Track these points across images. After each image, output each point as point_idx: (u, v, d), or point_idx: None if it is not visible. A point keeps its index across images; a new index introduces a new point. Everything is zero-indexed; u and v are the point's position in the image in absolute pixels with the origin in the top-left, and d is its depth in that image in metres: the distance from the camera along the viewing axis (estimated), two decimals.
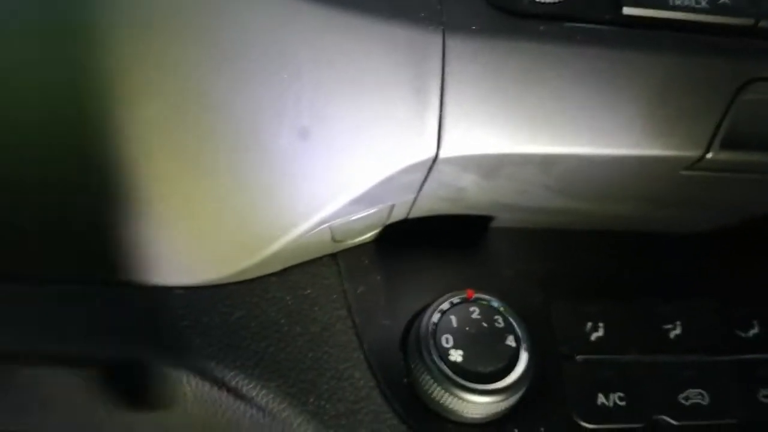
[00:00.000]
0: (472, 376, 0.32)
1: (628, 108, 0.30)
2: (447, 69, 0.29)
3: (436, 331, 0.33)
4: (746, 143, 0.32)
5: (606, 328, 0.37)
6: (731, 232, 0.41)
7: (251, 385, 0.33)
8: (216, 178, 0.30)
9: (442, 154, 0.30)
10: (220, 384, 0.33)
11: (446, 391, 0.32)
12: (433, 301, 0.34)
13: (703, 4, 0.30)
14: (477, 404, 0.32)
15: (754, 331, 0.39)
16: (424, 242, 0.39)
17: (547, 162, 0.31)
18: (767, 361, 0.38)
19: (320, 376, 0.34)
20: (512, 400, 0.33)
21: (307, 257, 0.36)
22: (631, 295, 0.39)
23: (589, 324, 0.37)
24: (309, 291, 0.36)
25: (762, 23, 0.31)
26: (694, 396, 0.36)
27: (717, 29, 0.31)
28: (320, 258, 0.37)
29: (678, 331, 0.38)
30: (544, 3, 0.29)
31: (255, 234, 0.32)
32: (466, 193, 0.34)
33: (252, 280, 0.35)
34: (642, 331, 0.38)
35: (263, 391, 0.33)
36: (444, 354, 0.33)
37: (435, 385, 0.32)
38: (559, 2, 0.30)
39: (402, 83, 0.29)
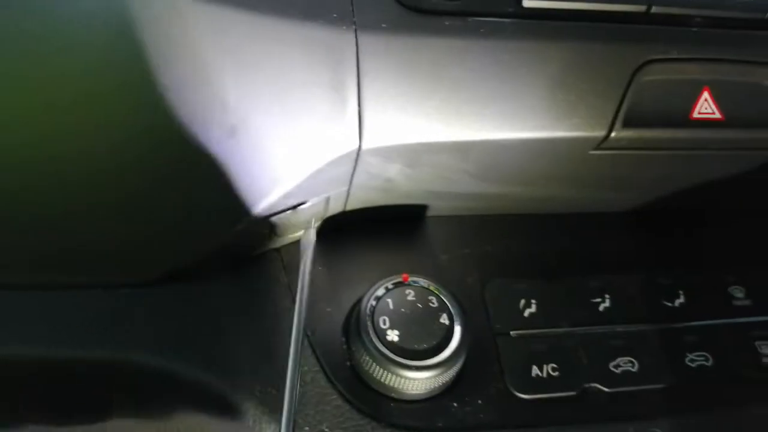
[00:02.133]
0: (409, 353, 0.34)
1: (530, 94, 0.32)
2: (362, 66, 0.31)
3: (374, 314, 0.35)
4: (647, 121, 0.34)
5: (538, 305, 0.40)
6: (652, 209, 0.43)
7: (200, 379, 0.35)
8: (157, 184, 0.32)
9: (365, 146, 0.32)
10: (176, 380, 0.35)
11: (385, 369, 0.34)
12: (370, 287, 0.36)
13: None
14: (415, 380, 0.34)
15: (680, 300, 0.42)
16: (362, 233, 0.41)
17: (461, 149, 0.33)
18: (693, 328, 0.41)
19: (268, 365, 0.35)
20: (449, 375, 0.35)
21: (251, 252, 0.38)
22: (562, 273, 0.41)
23: (522, 301, 0.40)
24: (255, 285, 0.38)
25: (654, 9, 0.34)
26: (624, 364, 0.39)
27: (612, 17, 0.33)
28: (264, 252, 0.39)
29: (607, 303, 0.41)
30: (449, 1, 0.32)
31: (195, 232, 0.34)
32: (396, 183, 0.36)
33: (200, 276, 0.37)
34: (573, 305, 0.40)
35: (214, 385, 0.35)
36: (382, 335, 0.35)
37: (374, 364, 0.34)
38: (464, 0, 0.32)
39: (321, 82, 0.31)
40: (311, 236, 0.34)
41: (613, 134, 0.34)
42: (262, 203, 0.33)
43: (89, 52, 0.29)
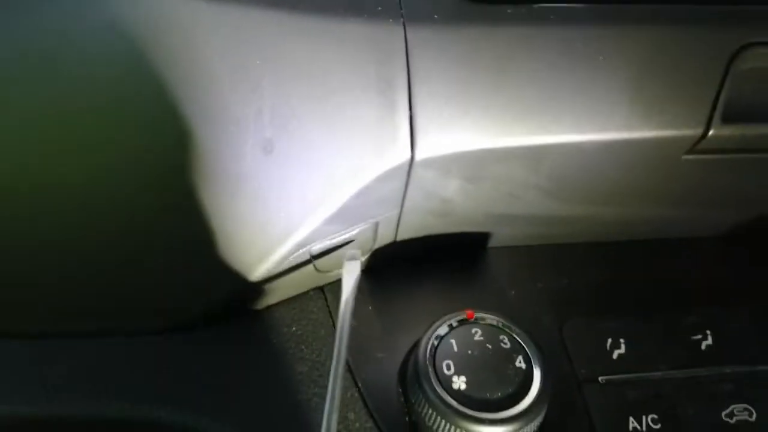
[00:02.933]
0: (480, 404, 0.29)
1: (612, 88, 0.28)
2: (412, 64, 0.27)
3: (435, 358, 0.30)
4: (751, 115, 0.29)
5: (628, 345, 0.34)
6: (755, 233, 0.37)
7: None
8: (183, 213, 0.28)
9: (418, 156, 0.27)
10: None
11: (452, 424, 0.28)
12: (430, 327, 0.31)
13: None
14: None
15: None
16: (417, 267, 0.36)
17: (532, 155, 0.28)
18: None
19: (312, 420, 0.30)
20: (529, 429, 0.29)
21: (290, 292, 0.33)
22: (652, 307, 0.35)
23: (609, 341, 0.34)
24: (295, 328, 0.33)
25: None
26: (739, 412, 0.32)
27: None
28: (306, 292, 0.34)
29: (709, 341, 0.34)
30: None
31: (228, 268, 0.29)
32: (454, 204, 0.31)
33: (231, 321, 0.32)
34: (670, 344, 0.34)
35: None
36: (446, 382, 0.29)
37: (439, 418, 0.29)
38: None
39: (366, 84, 0.27)
40: (355, 266, 0.29)
41: (711, 132, 0.29)
42: (301, 230, 0.28)
43: (104, 74, 0.26)
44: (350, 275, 0.29)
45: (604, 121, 0.28)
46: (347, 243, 0.32)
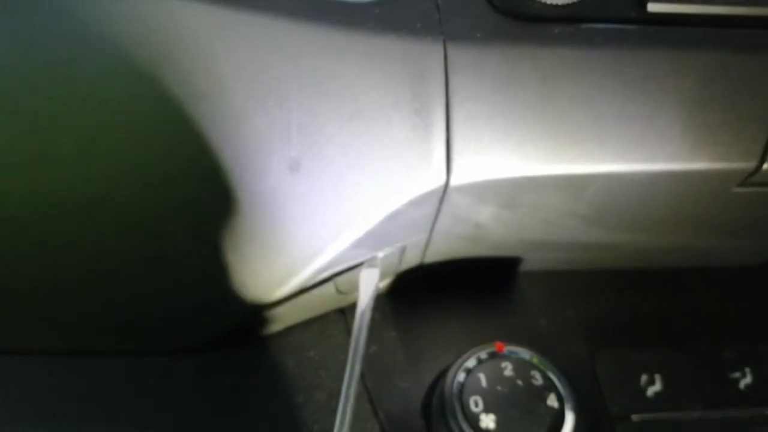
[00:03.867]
0: None
1: (663, 116, 0.26)
2: (451, 84, 0.25)
3: (462, 393, 0.28)
4: None
5: (664, 381, 0.32)
6: None
7: None
8: (203, 231, 0.27)
9: (453, 182, 0.26)
10: None
11: None
12: (457, 359, 0.30)
13: None
14: None
15: None
16: (443, 292, 0.34)
17: (574, 184, 0.26)
18: None
19: None
20: None
21: (310, 313, 0.32)
22: (690, 341, 0.34)
23: (644, 377, 0.32)
24: (313, 353, 0.31)
25: None
26: None
27: (755, 21, 0.27)
28: (325, 314, 0.33)
29: (748, 380, 0.33)
30: (556, 5, 0.26)
31: (247, 289, 0.28)
32: (486, 230, 0.30)
33: (249, 343, 0.31)
34: (707, 381, 0.32)
35: None
36: (473, 420, 0.28)
37: None
38: (574, 3, 0.26)
39: (401, 103, 0.25)
40: (374, 274, 0.28)
41: (765, 166, 0.27)
42: (326, 254, 0.27)
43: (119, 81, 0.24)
44: (368, 283, 0.28)
45: (653, 152, 0.26)
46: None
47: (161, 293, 0.29)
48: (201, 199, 0.26)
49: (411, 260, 0.32)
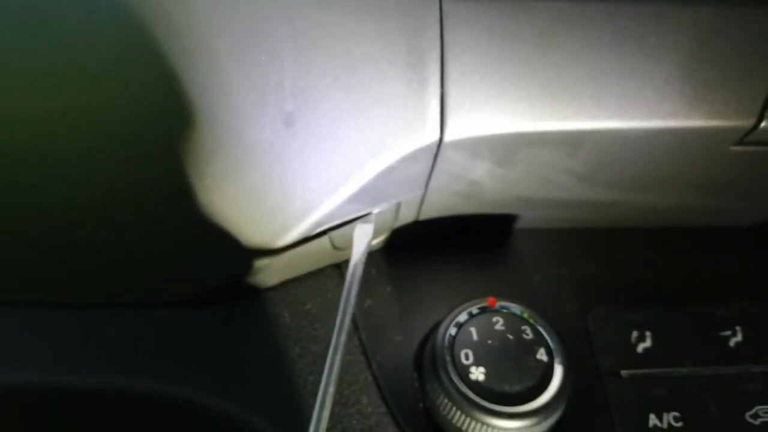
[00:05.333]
0: (498, 397, 0.28)
1: (661, 71, 0.25)
2: (446, 37, 0.25)
3: (453, 347, 0.29)
4: None
5: (654, 338, 0.32)
6: None
7: (245, 413, 0.29)
8: (199, 185, 0.27)
9: (448, 138, 0.26)
10: (211, 411, 0.29)
11: (468, 415, 0.27)
12: (449, 313, 0.30)
13: None
14: (505, 430, 0.27)
15: None
16: (438, 248, 0.34)
17: (570, 141, 0.26)
18: None
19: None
20: (547, 424, 0.28)
21: (306, 268, 0.32)
22: (682, 299, 0.34)
23: (635, 333, 0.32)
24: (309, 306, 0.32)
25: None
26: (763, 413, 0.31)
27: None
28: (322, 269, 0.33)
29: (739, 338, 0.33)
30: None
31: (244, 242, 0.28)
32: (481, 187, 0.30)
33: (246, 297, 0.31)
34: (697, 339, 0.33)
35: (258, 420, 0.29)
36: (464, 372, 0.28)
37: (455, 409, 0.28)
38: None
39: (396, 57, 0.25)
40: (368, 229, 0.28)
41: (763, 124, 0.27)
42: (321, 209, 0.27)
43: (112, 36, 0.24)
44: (362, 237, 0.28)
45: (650, 108, 0.26)
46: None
47: (158, 247, 0.29)
48: (197, 152, 0.26)
49: (406, 216, 0.32)
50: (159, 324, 0.31)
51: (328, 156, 0.26)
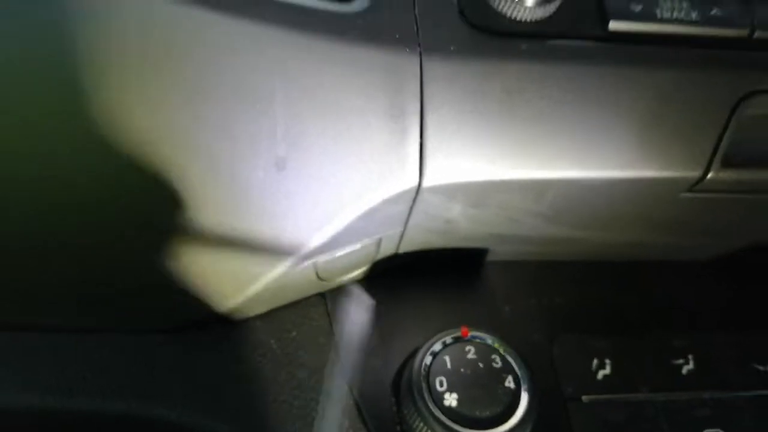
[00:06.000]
0: (469, 421, 0.30)
1: (619, 128, 0.28)
2: (426, 93, 0.27)
3: (429, 374, 0.31)
4: (749, 161, 0.30)
5: (614, 365, 0.35)
6: (745, 258, 0.39)
7: None
8: (193, 220, 0.29)
9: (426, 183, 0.28)
10: None
11: None
12: (425, 341, 0.32)
13: (695, 16, 0.29)
14: None
15: None
16: (416, 279, 0.37)
17: (536, 188, 0.29)
18: None
19: (307, 425, 0.31)
20: None
21: (292, 297, 0.34)
22: (639, 329, 0.37)
23: (596, 361, 0.35)
24: (295, 333, 0.34)
25: (758, 34, 0.29)
26: None
27: (710, 42, 0.29)
28: (307, 298, 0.35)
29: (691, 366, 0.36)
30: (525, 21, 0.28)
31: (235, 274, 0.30)
32: (456, 225, 0.32)
33: (233, 324, 0.33)
34: (653, 367, 0.35)
35: None
36: (438, 398, 0.30)
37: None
38: (541, 20, 0.28)
39: (379, 109, 0.27)
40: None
41: (709, 175, 0.29)
42: (308, 244, 0.29)
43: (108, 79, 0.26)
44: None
45: (607, 160, 0.28)
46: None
47: (150, 277, 0.31)
48: (194, 191, 0.28)
49: (387, 250, 0.34)
50: (148, 348, 0.33)
51: (315, 197, 0.28)
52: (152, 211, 0.28)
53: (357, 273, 0.35)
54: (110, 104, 0.26)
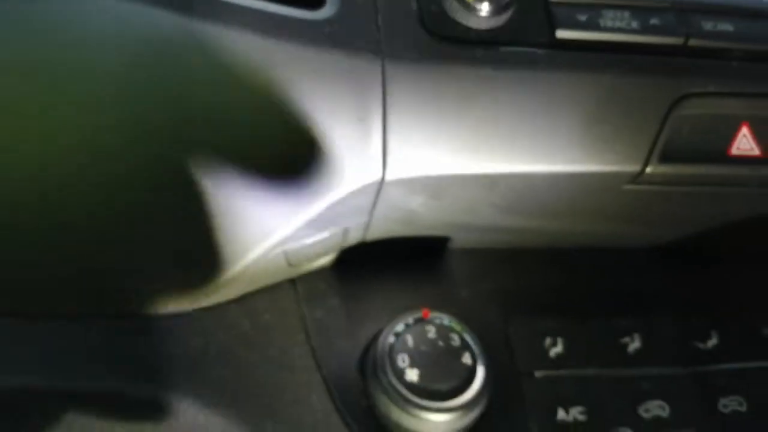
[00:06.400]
0: (429, 394, 0.33)
1: (564, 127, 0.31)
2: (388, 96, 0.30)
3: (392, 352, 0.34)
4: (684, 157, 0.33)
5: (565, 344, 0.38)
6: (685, 245, 0.42)
7: (209, 413, 0.33)
8: (169, 212, 0.31)
9: (388, 177, 0.31)
10: (178, 413, 0.34)
11: (403, 410, 0.32)
12: (389, 323, 0.35)
13: (635, 25, 0.32)
14: (435, 423, 0.33)
15: (713, 342, 0.40)
16: (381, 265, 0.39)
17: (489, 181, 0.32)
18: (726, 372, 0.39)
19: (278, 401, 0.34)
20: (470, 417, 0.33)
21: (264, 282, 0.37)
22: (589, 310, 0.40)
23: (548, 340, 0.38)
24: (267, 316, 0.36)
25: (692, 41, 0.32)
26: (654, 408, 0.37)
27: (649, 49, 0.32)
28: (279, 283, 0.37)
29: (637, 344, 0.39)
30: (480, 30, 0.31)
31: (209, 261, 0.33)
32: (418, 215, 0.35)
33: (209, 307, 0.35)
34: (601, 345, 0.38)
35: (221, 419, 0.33)
36: (400, 374, 0.33)
37: (392, 405, 0.33)
38: (495, 28, 0.31)
39: (345, 111, 0.30)
40: None
41: (648, 169, 0.32)
42: (278, 233, 0.32)
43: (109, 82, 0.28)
44: None
45: (555, 157, 0.31)
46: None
47: (133, 260, 0.33)
48: (169, 183, 0.30)
49: (353, 238, 0.37)
50: (126, 331, 0.35)
51: (285, 190, 0.31)
52: (129, 198, 0.30)
53: (326, 260, 0.38)
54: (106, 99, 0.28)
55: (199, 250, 0.32)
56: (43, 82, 0.28)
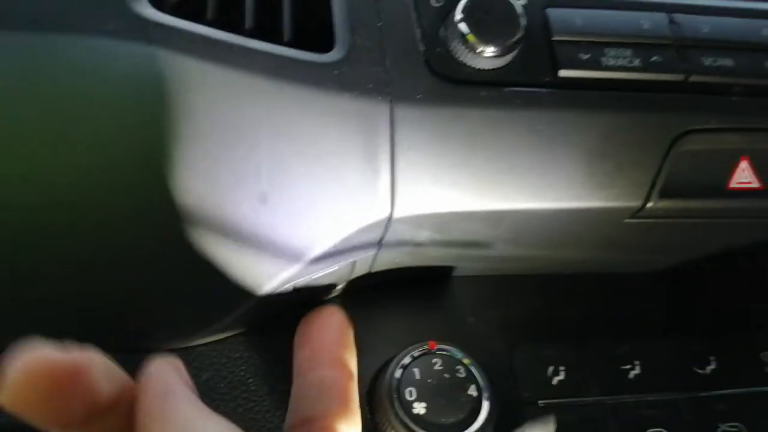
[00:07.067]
0: (436, 427, 0.33)
1: (567, 165, 0.31)
2: (396, 136, 0.30)
3: (399, 385, 0.34)
4: (684, 192, 0.33)
5: (567, 372, 0.38)
6: (684, 272, 0.42)
7: None
8: (183, 251, 0.31)
9: (396, 215, 0.31)
10: None
11: None
12: (396, 354, 0.35)
13: (636, 62, 0.32)
14: None
15: (711, 367, 0.40)
16: (388, 295, 0.40)
17: (493, 218, 0.32)
18: (724, 397, 0.39)
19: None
20: None
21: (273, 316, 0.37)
22: (591, 337, 0.40)
23: (551, 368, 0.39)
24: (272, 350, 0.37)
25: (693, 78, 0.33)
26: None
27: (650, 86, 0.33)
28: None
29: (637, 370, 0.39)
30: (484, 70, 0.31)
31: (221, 298, 0.33)
32: (424, 248, 0.35)
33: (220, 341, 0.36)
34: (602, 372, 0.39)
35: None
36: (408, 408, 0.34)
37: None
38: (499, 69, 0.31)
39: (355, 151, 0.30)
40: None
41: (649, 204, 0.33)
42: (289, 269, 0.32)
43: (112, 119, 0.29)
44: None
45: (559, 193, 0.32)
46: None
47: (144, 300, 0.33)
48: (183, 221, 0.30)
49: (361, 270, 0.37)
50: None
51: (296, 228, 0.31)
52: (140, 237, 0.31)
53: (334, 292, 0.38)
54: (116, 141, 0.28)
55: (212, 288, 0.32)
56: (56, 119, 0.28)
